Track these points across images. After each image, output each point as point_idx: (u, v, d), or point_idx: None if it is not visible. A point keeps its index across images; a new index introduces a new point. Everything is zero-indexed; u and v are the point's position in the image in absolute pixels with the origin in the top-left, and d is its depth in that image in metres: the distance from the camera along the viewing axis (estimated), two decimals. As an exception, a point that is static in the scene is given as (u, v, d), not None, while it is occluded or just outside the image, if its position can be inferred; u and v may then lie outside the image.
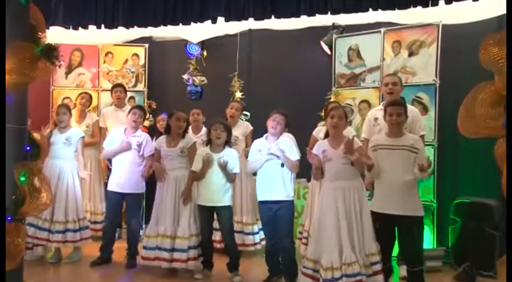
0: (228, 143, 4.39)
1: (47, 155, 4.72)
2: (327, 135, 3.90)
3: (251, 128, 5.32)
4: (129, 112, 4.81)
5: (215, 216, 4.42)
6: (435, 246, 4.99)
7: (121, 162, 4.71)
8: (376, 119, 4.40)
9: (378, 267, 3.59)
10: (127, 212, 4.85)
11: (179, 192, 4.40)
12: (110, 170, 5.05)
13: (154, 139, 4.92)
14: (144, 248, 4.48)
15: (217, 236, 4.71)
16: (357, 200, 3.64)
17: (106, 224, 4.85)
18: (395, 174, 3.59)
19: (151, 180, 4.86)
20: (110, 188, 4.78)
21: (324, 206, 3.70)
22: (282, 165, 4.06)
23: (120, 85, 6.04)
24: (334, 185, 3.67)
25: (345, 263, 3.49)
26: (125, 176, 4.68)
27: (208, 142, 4.39)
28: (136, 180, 4.71)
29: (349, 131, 4.69)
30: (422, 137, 4.22)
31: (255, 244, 5.12)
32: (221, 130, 4.30)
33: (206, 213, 4.36)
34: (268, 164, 4.10)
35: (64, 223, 4.71)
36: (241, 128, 5.30)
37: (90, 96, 5.96)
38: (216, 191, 4.28)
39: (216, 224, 4.52)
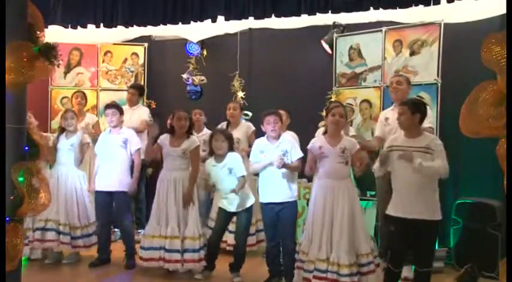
0: (230, 149, 4.35)
1: (49, 157, 4.71)
2: (325, 132, 3.92)
3: (253, 128, 5.24)
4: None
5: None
6: (437, 247, 4.96)
7: (108, 161, 4.67)
8: (386, 119, 4.48)
9: (371, 267, 3.70)
10: (117, 212, 4.74)
11: (180, 193, 4.37)
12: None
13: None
14: (145, 248, 4.38)
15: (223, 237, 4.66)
16: (346, 200, 3.71)
17: (98, 226, 4.78)
18: (410, 176, 3.45)
19: (151, 181, 4.82)
20: (97, 188, 4.71)
21: (314, 203, 3.83)
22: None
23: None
24: (325, 183, 3.77)
25: (318, 258, 3.68)
26: (113, 174, 4.63)
27: (211, 152, 4.35)
28: (125, 177, 4.69)
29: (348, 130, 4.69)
30: (428, 129, 4.17)
31: (254, 244, 5.08)
32: (222, 140, 4.28)
33: (225, 217, 4.36)
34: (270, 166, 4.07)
35: (81, 228, 4.75)
36: (243, 129, 5.26)
37: (84, 94, 5.93)
38: (235, 199, 4.25)
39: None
